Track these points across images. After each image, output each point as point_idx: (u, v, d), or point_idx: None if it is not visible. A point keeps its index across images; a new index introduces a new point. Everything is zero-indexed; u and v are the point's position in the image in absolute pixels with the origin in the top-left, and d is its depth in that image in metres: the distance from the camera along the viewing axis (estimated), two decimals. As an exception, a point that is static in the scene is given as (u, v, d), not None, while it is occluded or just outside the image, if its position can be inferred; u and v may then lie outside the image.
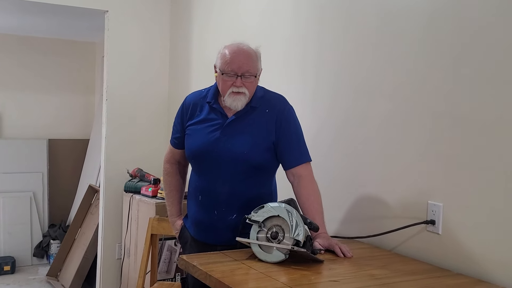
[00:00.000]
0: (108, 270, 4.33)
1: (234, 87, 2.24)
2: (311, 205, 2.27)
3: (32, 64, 5.99)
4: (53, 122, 6.09)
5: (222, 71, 2.26)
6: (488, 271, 1.96)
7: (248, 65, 2.25)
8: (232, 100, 2.26)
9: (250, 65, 2.26)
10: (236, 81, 2.24)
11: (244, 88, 2.25)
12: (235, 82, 2.24)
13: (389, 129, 2.39)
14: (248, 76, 2.25)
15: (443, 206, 2.13)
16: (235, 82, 2.24)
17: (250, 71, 2.25)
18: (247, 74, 2.25)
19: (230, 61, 2.24)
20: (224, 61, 2.25)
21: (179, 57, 4.34)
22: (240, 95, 2.25)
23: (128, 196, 4.11)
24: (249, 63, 2.25)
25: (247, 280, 1.87)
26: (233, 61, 2.24)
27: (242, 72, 2.24)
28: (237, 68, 2.23)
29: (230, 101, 2.26)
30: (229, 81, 2.25)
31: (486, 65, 1.98)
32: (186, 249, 2.47)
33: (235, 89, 2.24)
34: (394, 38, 2.37)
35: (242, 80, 2.24)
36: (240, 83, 2.24)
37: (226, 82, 2.25)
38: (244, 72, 2.24)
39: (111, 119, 4.28)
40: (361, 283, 1.87)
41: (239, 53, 2.26)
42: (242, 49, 2.27)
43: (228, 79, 2.25)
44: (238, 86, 2.24)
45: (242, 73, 2.24)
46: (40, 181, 5.86)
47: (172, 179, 2.58)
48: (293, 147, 2.33)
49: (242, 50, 2.27)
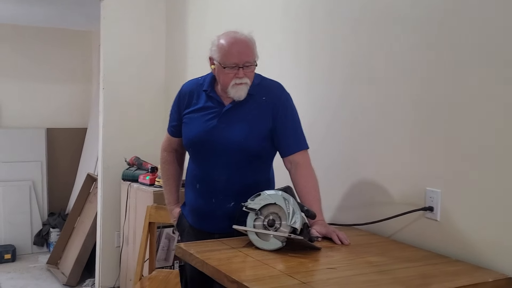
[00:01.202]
0: (107, 258, 4.34)
1: (236, 78, 2.22)
2: (309, 192, 2.27)
3: (29, 54, 5.96)
4: (51, 111, 6.07)
5: (224, 65, 2.22)
6: (486, 258, 1.95)
7: (248, 55, 2.23)
8: (235, 91, 2.24)
9: (249, 54, 2.24)
10: (238, 72, 2.22)
11: (246, 78, 2.23)
12: (237, 73, 2.22)
13: (386, 115, 2.38)
14: (248, 66, 2.24)
15: (441, 192, 2.12)
16: (237, 74, 2.22)
17: (250, 61, 2.24)
18: (248, 63, 2.23)
19: (230, 53, 2.21)
20: (223, 54, 2.22)
21: (176, 44, 4.31)
22: (243, 85, 2.24)
23: (126, 185, 4.11)
24: (248, 53, 2.23)
25: (243, 268, 1.87)
26: (233, 54, 2.21)
27: (243, 63, 2.22)
28: (238, 60, 2.21)
29: (234, 92, 2.24)
30: (231, 73, 2.22)
31: (486, 49, 1.96)
32: (184, 237, 2.47)
33: (238, 80, 2.22)
34: (390, 23, 2.35)
35: (244, 71, 2.22)
36: (242, 74, 2.22)
37: (228, 75, 2.23)
38: (245, 62, 2.22)
39: (108, 108, 4.27)
40: (358, 270, 1.86)
41: (238, 44, 2.23)
42: (239, 39, 2.24)
43: (230, 72, 2.22)
44: (240, 77, 2.22)
45: (243, 64, 2.22)
46: (39, 170, 5.86)
47: (170, 167, 2.57)
48: (290, 134, 2.31)
49: (240, 40, 2.24)
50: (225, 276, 1.77)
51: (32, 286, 4.70)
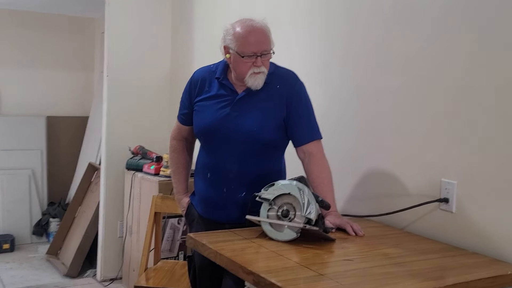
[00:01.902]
0: (110, 248, 4.31)
1: (254, 67, 2.19)
2: (322, 182, 2.23)
3: (30, 40, 5.89)
4: (51, 99, 6.01)
5: (242, 54, 2.18)
6: (503, 250, 1.93)
7: (265, 43, 2.20)
8: (253, 81, 2.20)
9: (267, 42, 2.20)
10: (256, 61, 2.18)
11: (263, 67, 2.20)
12: (255, 62, 2.18)
13: (401, 104, 2.34)
14: (266, 54, 2.20)
15: (457, 184, 2.09)
16: (255, 62, 2.18)
17: (267, 49, 2.21)
18: (265, 52, 2.20)
19: (249, 42, 2.17)
20: (241, 43, 2.18)
21: (182, 31, 4.26)
22: (260, 74, 2.20)
23: (130, 174, 4.07)
24: (266, 41, 2.20)
25: (258, 259, 1.84)
26: (251, 43, 2.17)
27: (261, 52, 2.18)
28: (256, 48, 2.17)
29: (252, 82, 2.21)
30: (249, 62, 2.19)
31: (503, 38, 1.92)
32: (193, 227, 2.43)
33: (256, 69, 2.19)
34: (407, 10, 2.31)
35: (261, 59, 2.19)
36: (260, 63, 2.19)
37: (246, 64, 2.19)
38: (262, 51, 2.19)
39: (112, 96, 4.22)
40: (375, 262, 1.83)
41: (256, 32, 2.19)
42: (257, 27, 2.20)
43: (248, 61, 2.18)
44: (258, 65, 2.19)
45: (261, 53, 2.19)
46: (39, 159, 5.80)
47: (179, 156, 2.53)
48: (304, 123, 2.28)
49: (257, 28, 2.20)
50: (240, 267, 1.73)
51: (32, 276, 4.64)
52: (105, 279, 4.35)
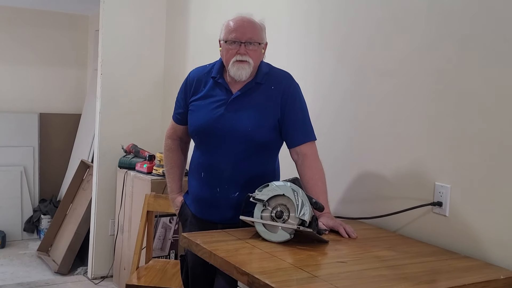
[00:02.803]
0: (101, 246, 4.30)
1: (238, 55, 2.20)
2: (315, 184, 2.23)
3: (22, 37, 5.85)
4: (44, 96, 5.98)
5: (225, 40, 2.22)
6: (496, 255, 1.93)
7: (251, 33, 2.22)
8: (236, 69, 2.21)
9: (253, 32, 2.22)
10: (239, 48, 2.20)
11: (247, 56, 2.21)
12: (239, 49, 2.20)
13: (394, 106, 2.34)
14: (252, 43, 2.21)
15: (451, 187, 2.10)
16: (238, 50, 2.20)
17: (254, 39, 2.22)
18: (251, 41, 2.21)
19: (234, 29, 2.22)
20: (228, 30, 2.23)
21: (176, 30, 4.25)
22: (244, 63, 2.21)
23: (123, 172, 4.05)
24: (252, 31, 2.22)
25: (252, 260, 1.83)
26: (236, 29, 2.21)
27: (245, 39, 2.20)
28: (240, 35, 2.20)
29: (234, 70, 2.22)
30: (233, 49, 2.21)
31: (496, 40, 1.93)
32: (186, 227, 2.43)
33: (239, 57, 2.20)
34: (398, 14, 2.32)
35: (246, 48, 2.20)
36: (244, 51, 2.20)
37: (230, 51, 2.22)
38: (247, 39, 2.21)
39: (106, 94, 4.20)
40: (368, 264, 1.83)
41: (242, 21, 2.24)
42: (245, 18, 2.25)
43: (231, 47, 2.21)
44: (242, 54, 2.20)
45: (245, 40, 2.20)
46: (31, 155, 5.78)
47: (174, 155, 2.53)
48: (298, 125, 2.28)
49: (245, 18, 2.25)
50: (234, 268, 1.73)
51: (22, 273, 4.62)
52: (96, 277, 4.33)
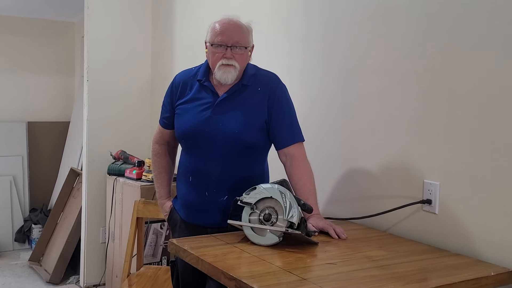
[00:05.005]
0: (92, 254, 4.27)
1: (224, 59, 2.18)
2: (304, 185, 2.22)
3: (9, 45, 5.82)
4: (32, 105, 5.95)
5: (212, 43, 2.20)
6: (486, 251, 1.92)
7: (238, 36, 2.19)
8: (222, 73, 2.19)
9: (240, 36, 2.20)
10: (226, 52, 2.18)
11: (234, 60, 2.19)
12: (225, 53, 2.18)
13: (381, 105, 2.33)
14: (238, 47, 2.19)
15: (440, 185, 2.08)
16: (225, 54, 2.18)
17: (240, 43, 2.20)
18: (237, 45, 2.19)
19: (220, 32, 2.19)
20: (214, 33, 2.21)
21: (162, 35, 4.23)
22: (230, 67, 2.19)
23: (112, 179, 4.03)
24: (239, 34, 2.20)
25: (240, 264, 1.81)
26: (222, 32, 2.19)
27: (232, 43, 2.18)
28: (226, 38, 2.18)
29: (220, 74, 2.20)
30: (219, 53, 2.19)
31: (484, 36, 1.92)
32: (176, 232, 2.40)
33: (225, 61, 2.18)
34: (383, 13, 2.30)
35: (232, 52, 2.18)
36: (230, 55, 2.18)
37: (216, 54, 2.20)
38: (234, 43, 2.18)
39: (93, 101, 4.18)
40: (358, 265, 1.81)
41: (229, 24, 2.21)
42: (232, 21, 2.22)
43: (217, 51, 2.19)
44: (228, 57, 2.18)
45: (232, 44, 2.18)
46: (20, 165, 5.74)
47: (161, 160, 2.50)
48: (286, 126, 2.26)
49: (232, 21, 2.22)
50: (222, 273, 1.71)
51: (14, 284, 4.59)
52: (88, 285, 4.30)
